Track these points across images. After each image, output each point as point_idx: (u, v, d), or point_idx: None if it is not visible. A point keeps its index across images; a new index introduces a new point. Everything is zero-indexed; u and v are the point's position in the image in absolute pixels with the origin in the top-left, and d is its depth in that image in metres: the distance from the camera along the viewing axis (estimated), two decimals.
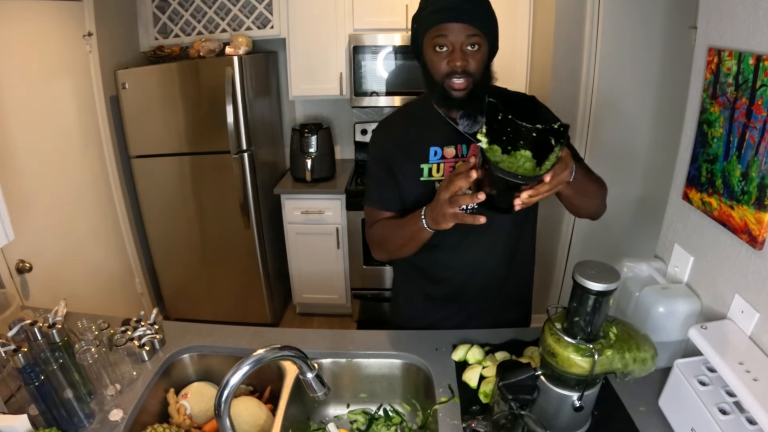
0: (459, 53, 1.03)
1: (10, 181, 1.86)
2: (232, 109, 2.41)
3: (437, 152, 1.15)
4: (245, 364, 0.73)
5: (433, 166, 1.15)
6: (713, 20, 1.07)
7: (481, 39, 1.03)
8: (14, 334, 1.02)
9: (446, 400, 1.07)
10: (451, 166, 1.14)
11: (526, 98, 1.23)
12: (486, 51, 1.06)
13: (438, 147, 1.15)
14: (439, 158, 1.15)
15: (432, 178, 1.15)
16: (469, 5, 1.01)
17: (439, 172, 1.15)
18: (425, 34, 1.05)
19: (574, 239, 2.66)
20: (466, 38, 1.02)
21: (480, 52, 1.04)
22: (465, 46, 1.03)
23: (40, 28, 2.07)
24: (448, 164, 1.15)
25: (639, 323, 1.06)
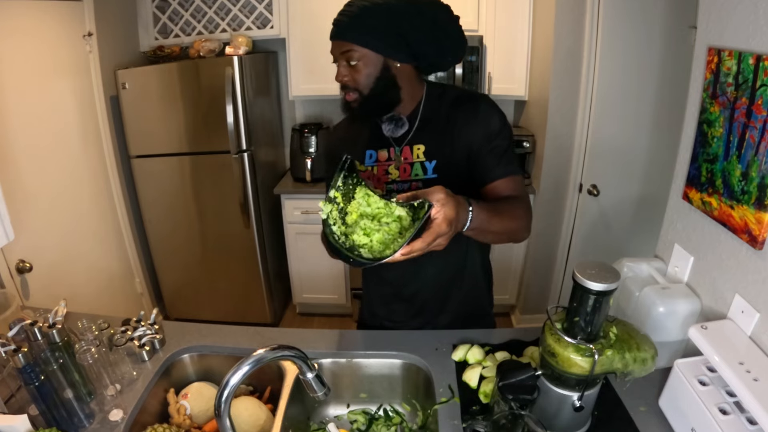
0: (339, 69, 1.05)
1: (10, 181, 1.86)
2: (232, 109, 2.41)
3: (372, 155, 1.16)
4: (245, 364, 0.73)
5: (368, 169, 1.16)
6: (713, 20, 1.07)
7: (358, 53, 1.01)
8: (14, 334, 1.02)
9: (446, 400, 1.07)
10: (384, 170, 1.14)
11: (470, 98, 1.13)
12: (373, 64, 1.03)
13: (373, 150, 1.16)
14: (374, 161, 1.16)
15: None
16: (347, 19, 1.00)
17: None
18: None
19: (574, 239, 2.66)
20: (341, 55, 1.03)
21: (361, 66, 1.02)
22: (345, 62, 1.03)
23: (40, 28, 2.07)
24: (380, 167, 1.15)
25: (639, 323, 1.06)
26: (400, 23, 0.99)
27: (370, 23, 0.99)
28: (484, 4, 2.58)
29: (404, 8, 0.99)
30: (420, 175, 1.12)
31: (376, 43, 1.01)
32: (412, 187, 1.12)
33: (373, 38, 1.00)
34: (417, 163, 1.12)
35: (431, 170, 1.11)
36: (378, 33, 1.00)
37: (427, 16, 1.01)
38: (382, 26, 0.99)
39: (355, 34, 0.99)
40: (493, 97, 2.71)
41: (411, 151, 1.12)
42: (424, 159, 1.11)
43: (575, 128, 2.43)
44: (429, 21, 1.02)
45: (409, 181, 1.12)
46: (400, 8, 0.98)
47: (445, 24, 1.04)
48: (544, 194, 2.57)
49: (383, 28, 0.99)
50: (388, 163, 1.14)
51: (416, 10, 1.00)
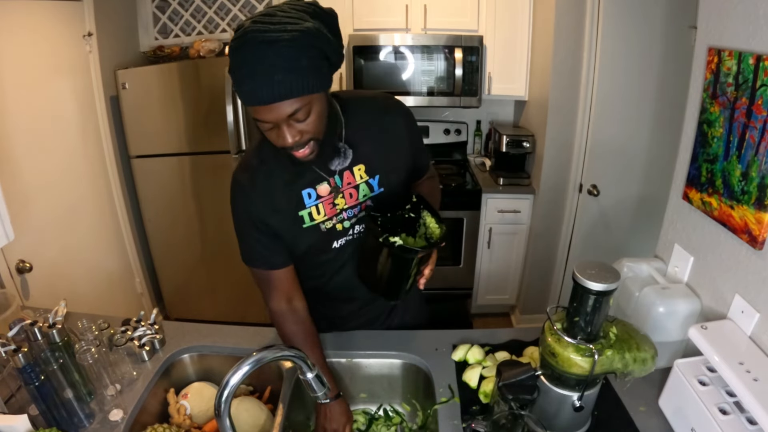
0: (284, 133, 0.86)
1: (10, 181, 1.86)
2: (232, 109, 2.41)
3: (311, 194, 1.03)
4: (245, 364, 0.73)
5: (312, 209, 1.04)
6: (713, 20, 1.07)
7: (307, 104, 0.85)
8: (14, 334, 1.02)
9: (446, 400, 1.07)
10: (330, 203, 1.04)
11: (379, 99, 1.10)
12: (322, 104, 0.89)
13: (310, 188, 1.03)
14: (315, 199, 1.03)
15: (314, 221, 1.05)
16: (279, 74, 0.79)
17: (320, 213, 1.04)
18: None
19: (574, 239, 2.66)
20: (286, 118, 0.84)
21: (313, 114, 0.87)
22: (290, 122, 0.86)
23: (40, 28, 2.07)
24: (326, 202, 1.04)
25: (639, 323, 1.06)
26: (321, 45, 0.83)
27: (303, 64, 0.81)
28: (484, 4, 2.58)
29: (314, 29, 0.82)
30: (368, 193, 1.06)
31: (318, 80, 0.84)
32: (362, 208, 1.07)
33: (314, 78, 0.83)
34: (362, 184, 1.05)
35: (377, 185, 1.06)
36: (314, 69, 0.83)
37: (331, 22, 0.89)
38: (314, 58, 0.82)
39: (297, 85, 0.81)
40: (493, 97, 2.76)
41: (353, 175, 1.04)
42: (367, 177, 1.05)
43: (575, 128, 2.43)
44: (334, 26, 0.89)
45: (359, 204, 1.07)
46: (311, 30, 0.81)
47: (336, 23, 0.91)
48: (544, 194, 2.57)
49: (315, 60, 0.82)
50: (331, 196, 1.04)
51: (321, 22, 0.86)
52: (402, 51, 2.59)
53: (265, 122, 0.86)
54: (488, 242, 2.75)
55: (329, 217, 1.05)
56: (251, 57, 0.79)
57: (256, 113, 0.85)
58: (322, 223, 1.05)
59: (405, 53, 2.60)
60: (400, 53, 2.60)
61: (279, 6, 0.85)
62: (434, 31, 2.60)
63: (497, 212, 2.67)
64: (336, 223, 1.06)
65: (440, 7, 2.59)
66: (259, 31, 0.79)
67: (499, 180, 2.67)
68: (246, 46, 0.79)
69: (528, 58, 2.63)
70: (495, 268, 2.84)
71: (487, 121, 3.13)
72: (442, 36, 2.58)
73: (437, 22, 2.61)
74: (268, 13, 0.83)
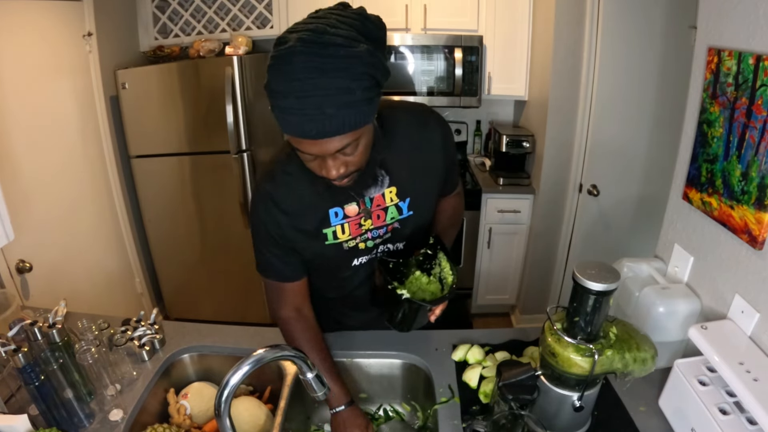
0: (329, 166, 0.81)
1: (10, 181, 1.86)
2: (231, 109, 2.41)
3: (338, 213, 0.98)
4: (245, 364, 0.73)
5: (337, 228, 1.00)
6: (713, 20, 1.07)
7: (356, 138, 0.79)
8: (14, 334, 1.02)
9: (446, 400, 1.07)
10: (357, 223, 1.00)
11: (418, 115, 1.03)
12: (369, 134, 0.83)
13: (338, 207, 0.98)
14: (342, 218, 0.99)
15: (338, 240, 1.01)
16: (331, 108, 0.71)
17: (345, 232, 1.00)
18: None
19: (574, 239, 2.66)
20: (334, 153, 0.79)
21: (361, 145, 0.81)
22: (337, 155, 0.80)
23: (40, 28, 2.07)
24: (353, 222, 1.00)
25: (639, 323, 1.06)
26: (374, 71, 0.74)
27: (357, 96, 0.73)
28: (484, 4, 2.58)
29: (368, 54, 0.73)
30: (396, 216, 1.02)
31: (371, 110, 0.77)
32: (388, 230, 1.04)
33: (367, 109, 0.76)
34: (391, 207, 1.01)
35: (406, 209, 1.03)
36: (367, 100, 0.75)
37: (380, 36, 0.79)
38: (367, 88, 0.74)
39: (350, 120, 0.74)
40: (493, 97, 2.76)
41: (383, 197, 1.00)
42: (397, 200, 1.01)
43: (575, 128, 2.43)
44: (383, 40, 0.80)
45: (385, 226, 1.03)
46: (365, 55, 0.72)
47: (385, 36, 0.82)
48: (544, 194, 2.57)
49: (369, 89, 0.74)
50: (359, 217, 1.00)
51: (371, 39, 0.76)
52: (402, 51, 2.59)
53: (308, 154, 0.80)
54: (488, 242, 2.75)
55: (353, 237, 1.02)
56: (299, 85, 0.70)
57: (299, 144, 0.78)
58: (345, 242, 1.02)
59: (405, 53, 2.60)
60: (399, 53, 2.60)
61: (326, 18, 0.74)
62: (434, 31, 2.60)
63: (497, 212, 2.67)
64: (359, 242, 1.03)
65: (440, 7, 2.59)
66: (310, 54, 0.69)
67: (499, 180, 2.67)
68: (294, 70, 0.70)
69: (528, 58, 2.63)
70: (495, 268, 2.84)
71: (487, 121, 3.13)
72: (441, 36, 2.58)
73: (437, 22, 2.61)
74: (316, 30, 0.71)
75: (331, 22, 0.73)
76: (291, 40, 0.71)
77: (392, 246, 1.08)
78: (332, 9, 0.78)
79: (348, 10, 0.78)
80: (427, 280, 1.03)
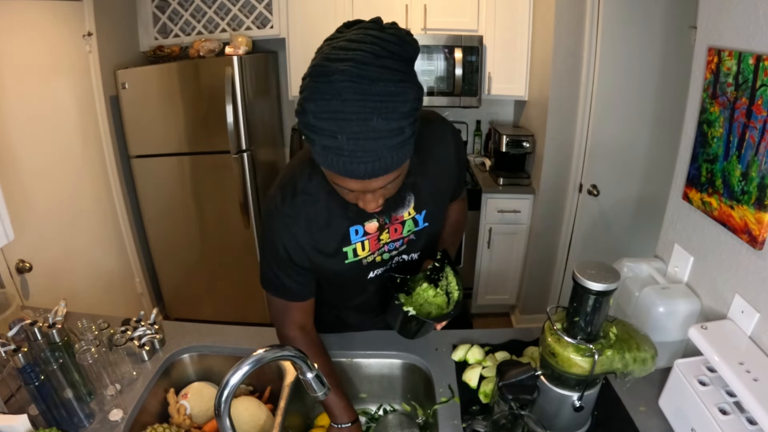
0: (367, 201, 0.79)
1: (10, 181, 1.86)
2: (231, 109, 2.41)
3: (358, 230, 0.96)
4: (245, 364, 0.73)
5: (357, 245, 0.98)
6: (713, 20, 1.07)
7: (397, 176, 0.77)
8: (14, 334, 1.01)
9: (446, 400, 1.07)
10: (376, 239, 0.99)
11: (429, 124, 0.98)
12: (407, 166, 0.80)
13: (358, 225, 0.96)
14: (362, 236, 0.97)
15: (358, 257, 1.00)
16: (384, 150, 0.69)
17: (365, 249, 0.99)
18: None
19: (574, 239, 2.66)
20: (377, 190, 0.77)
21: (398, 180, 0.80)
22: (378, 191, 0.78)
23: (40, 28, 2.06)
24: (372, 239, 0.98)
25: (639, 323, 1.06)
26: (419, 105, 0.73)
27: (406, 135, 0.71)
28: (484, 4, 2.58)
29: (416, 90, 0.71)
30: (412, 228, 1.02)
31: (413, 144, 0.75)
32: (404, 242, 1.04)
33: (412, 145, 0.74)
34: (408, 220, 1.00)
35: (422, 220, 1.02)
36: (413, 136, 0.73)
37: (413, 57, 0.76)
38: (413, 123, 0.72)
39: (398, 159, 0.72)
40: (493, 97, 2.76)
41: None
42: (414, 213, 1.00)
43: (575, 128, 2.43)
44: (413, 60, 0.77)
45: (402, 239, 1.03)
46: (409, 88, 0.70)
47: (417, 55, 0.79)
48: (544, 194, 2.57)
49: (414, 124, 0.72)
50: (378, 233, 0.99)
51: (405, 61, 0.72)
52: None
53: (348, 190, 0.77)
54: (488, 242, 2.75)
55: (372, 252, 1.01)
56: (351, 126, 0.66)
57: (340, 181, 0.74)
58: (364, 258, 1.01)
59: None
60: None
61: (366, 42, 0.69)
62: (434, 31, 2.60)
63: (497, 212, 2.67)
64: (376, 256, 1.03)
65: (440, 7, 2.59)
66: (361, 92, 0.65)
67: (499, 180, 2.68)
68: (345, 110, 0.66)
69: (528, 58, 2.63)
70: (495, 268, 2.84)
71: (487, 121, 3.14)
72: (442, 36, 2.58)
73: (437, 22, 2.61)
74: (362, 61, 0.66)
75: (375, 51, 0.68)
76: (335, 71, 0.66)
77: (407, 256, 1.08)
78: (368, 28, 0.72)
79: (385, 31, 0.72)
80: (434, 292, 1.03)
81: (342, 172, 0.71)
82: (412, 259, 1.09)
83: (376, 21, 0.74)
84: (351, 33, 0.72)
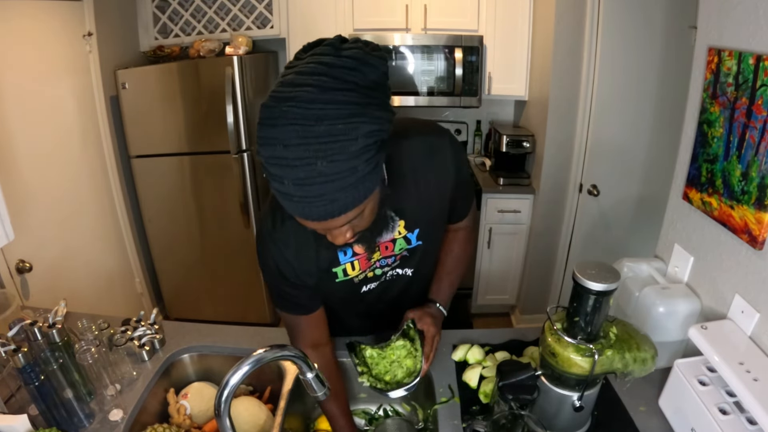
0: (336, 236, 0.76)
1: (10, 181, 1.86)
2: (232, 109, 2.41)
3: (347, 251, 0.95)
4: (245, 364, 0.73)
5: (347, 266, 0.97)
6: (713, 20, 1.07)
7: (362, 209, 0.72)
8: (14, 334, 1.02)
9: (446, 400, 1.07)
10: (366, 258, 0.97)
11: (428, 139, 0.95)
12: (375, 200, 0.75)
13: (346, 246, 0.93)
14: (351, 256, 0.96)
15: (348, 276, 0.99)
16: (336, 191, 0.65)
17: (356, 269, 0.98)
18: None
19: (574, 239, 2.66)
20: (340, 227, 0.74)
21: (367, 210, 0.75)
22: (343, 227, 0.74)
23: (40, 28, 2.07)
24: (362, 258, 0.97)
25: (639, 323, 1.06)
26: (380, 134, 0.67)
27: (360, 173, 0.65)
28: (484, 4, 2.58)
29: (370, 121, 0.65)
30: (404, 246, 0.99)
31: (376, 176, 0.70)
32: (397, 259, 1.01)
33: (373, 178, 0.68)
34: (400, 239, 0.97)
35: (415, 239, 0.99)
36: (373, 170, 0.67)
37: (380, 80, 0.69)
38: (371, 158, 0.66)
39: (354, 197, 0.67)
40: (493, 97, 2.76)
41: None
42: (406, 232, 0.97)
43: (575, 128, 2.43)
44: (384, 82, 0.70)
45: (394, 256, 1.00)
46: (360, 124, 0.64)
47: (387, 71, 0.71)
48: (544, 194, 2.57)
49: (373, 157, 0.66)
50: (367, 252, 0.97)
51: (373, 85, 0.67)
52: (402, 51, 2.59)
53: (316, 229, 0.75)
54: (488, 242, 2.75)
55: (363, 270, 1.00)
56: (296, 172, 0.63)
57: (302, 220, 0.71)
58: (355, 276, 1.00)
59: (405, 53, 2.60)
60: (400, 53, 2.60)
61: (313, 74, 0.64)
62: (434, 31, 2.60)
63: (497, 212, 2.67)
64: (368, 273, 1.01)
65: (440, 7, 2.59)
66: (304, 135, 0.61)
67: (499, 180, 2.68)
68: (288, 155, 0.62)
69: (528, 58, 2.63)
70: (495, 268, 2.84)
71: (487, 121, 3.13)
72: (442, 36, 2.58)
73: (437, 22, 2.61)
74: (304, 99, 0.62)
75: (324, 83, 0.63)
76: (279, 115, 0.62)
77: (401, 271, 1.06)
78: (323, 54, 0.66)
79: (341, 55, 0.65)
80: (407, 352, 1.04)
81: (297, 215, 0.69)
82: (406, 274, 1.06)
83: (333, 44, 0.68)
84: (303, 62, 0.67)
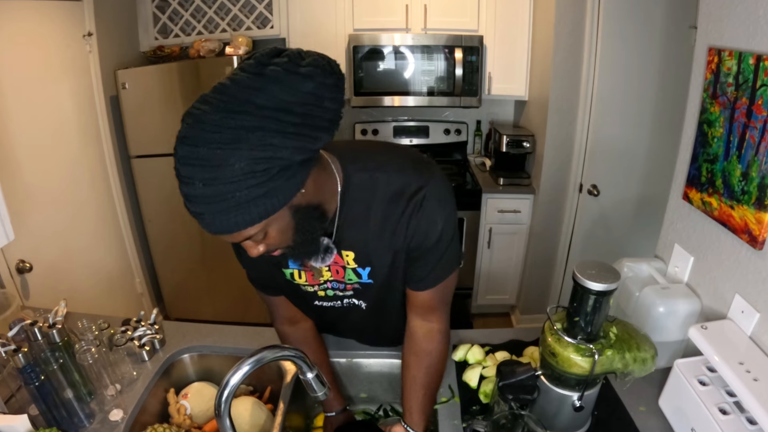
0: (246, 247, 0.76)
1: (10, 181, 1.86)
2: None
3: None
4: (245, 364, 0.73)
5: (294, 272, 0.97)
6: (713, 20, 1.07)
7: (263, 226, 0.70)
8: (14, 334, 1.02)
9: (446, 400, 1.07)
10: (312, 274, 0.96)
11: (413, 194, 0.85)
12: (282, 221, 0.72)
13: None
14: (298, 265, 0.94)
15: (296, 282, 0.99)
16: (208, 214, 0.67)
17: (302, 278, 0.97)
18: None
19: (574, 239, 2.66)
20: (240, 242, 0.74)
21: (272, 231, 0.73)
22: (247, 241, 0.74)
23: (40, 28, 2.06)
24: (308, 271, 0.96)
25: (639, 323, 1.06)
26: (267, 164, 0.64)
27: (238, 199, 0.65)
28: (484, 4, 2.58)
29: (238, 150, 0.64)
30: (354, 279, 0.96)
31: (274, 201, 0.67)
32: (347, 288, 0.98)
33: (263, 205, 0.66)
34: (349, 269, 0.94)
35: (366, 276, 0.95)
36: (259, 197, 0.65)
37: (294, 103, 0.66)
38: (258, 185, 0.65)
39: (239, 220, 0.67)
40: (493, 97, 2.76)
41: (341, 256, 0.91)
42: (355, 266, 0.93)
43: (575, 128, 2.43)
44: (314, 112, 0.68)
45: (344, 283, 0.97)
46: (232, 156, 0.63)
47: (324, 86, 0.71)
48: (544, 194, 2.57)
49: (261, 186, 0.65)
50: (311, 273, 0.96)
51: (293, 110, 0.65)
52: (402, 51, 2.59)
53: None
54: (488, 242, 2.75)
55: (311, 284, 0.98)
56: (183, 188, 0.67)
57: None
58: (303, 286, 0.99)
59: (405, 53, 2.60)
60: (400, 53, 2.60)
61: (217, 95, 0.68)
62: (434, 31, 2.60)
63: (497, 212, 2.67)
64: (318, 290, 0.99)
65: (440, 7, 2.59)
66: (188, 158, 0.66)
67: (499, 180, 2.68)
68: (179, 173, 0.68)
69: (528, 58, 2.63)
70: (495, 268, 2.84)
71: (487, 121, 3.13)
72: (442, 36, 2.58)
73: (437, 22, 2.61)
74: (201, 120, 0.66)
75: (221, 105, 0.66)
76: (183, 122, 0.69)
77: (357, 302, 1.02)
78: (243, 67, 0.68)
79: (262, 72, 0.66)
80: None
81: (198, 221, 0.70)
82: (361, 306, 1.03)
83: (260, 59, 0.68)
84: (228, 76, 0.69)
